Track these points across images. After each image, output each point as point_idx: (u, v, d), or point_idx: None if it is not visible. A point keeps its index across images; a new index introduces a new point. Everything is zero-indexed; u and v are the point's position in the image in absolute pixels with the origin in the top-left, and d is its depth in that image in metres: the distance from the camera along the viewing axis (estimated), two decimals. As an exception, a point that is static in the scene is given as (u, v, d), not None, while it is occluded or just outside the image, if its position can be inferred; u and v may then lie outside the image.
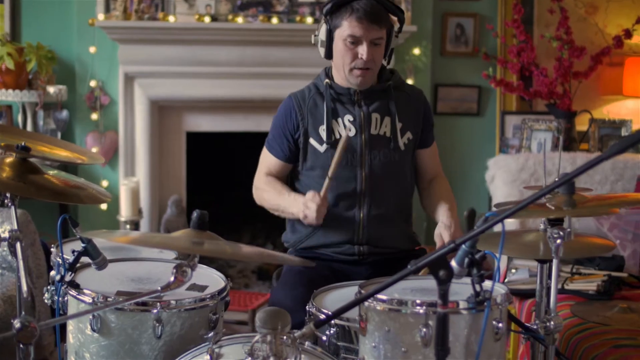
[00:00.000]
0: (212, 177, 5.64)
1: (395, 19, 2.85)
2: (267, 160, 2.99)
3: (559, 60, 5.00)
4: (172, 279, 1.91)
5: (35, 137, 2.45)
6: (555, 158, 4.69)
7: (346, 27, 2.76)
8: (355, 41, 2.77)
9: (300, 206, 2.77)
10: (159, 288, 1.93)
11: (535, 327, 2.22)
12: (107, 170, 5.02)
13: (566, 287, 3.63)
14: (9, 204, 2.09)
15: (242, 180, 3.59)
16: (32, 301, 3.56)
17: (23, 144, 2.15)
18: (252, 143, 3.78)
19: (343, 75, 2.85)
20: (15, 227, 2.02)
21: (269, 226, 5.52)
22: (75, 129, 5.00)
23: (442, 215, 2.85)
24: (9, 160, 2.16)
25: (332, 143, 2.82)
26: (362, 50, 2.76)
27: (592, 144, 5.13)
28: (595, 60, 5.06)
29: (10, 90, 4.65)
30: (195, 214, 1.96)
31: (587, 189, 2.87)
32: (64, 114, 4.90)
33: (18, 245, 1.97)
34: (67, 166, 4.88)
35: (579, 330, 3.20)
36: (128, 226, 4.75)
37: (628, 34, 5.00)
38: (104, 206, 4.98)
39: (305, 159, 2.89)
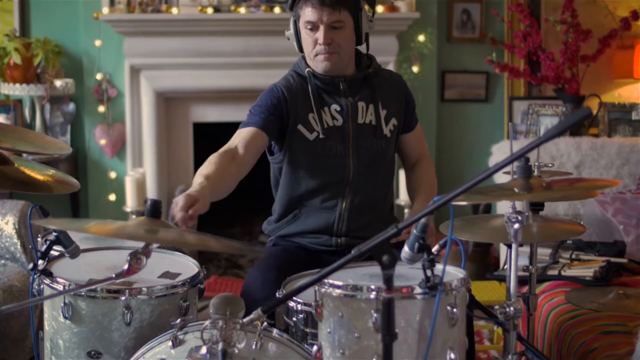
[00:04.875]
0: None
1: (364, 2, 2.83)
2: (237, 134, 2.75)
3: (565, 44, 4.95)
4: (125, 266, 1.94)
5: (7, 129, 2.49)
6: (560, 143, 4.66)
7: (304, 14, 2.77)
8: (313, 27, 2.76)
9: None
10: (114, 275, 1.96)
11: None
12: (116, 161, 5.09)
13: (563, 273, 3.60)
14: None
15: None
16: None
17: (-11, 136, 2.19)
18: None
19: (312, 64, 2.84)
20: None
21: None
22: (84, 122, 5.07)
23: (415, 204, 2.85)
24: (-23, 152, 2.21)
25: (324, 131, 2.79)
26: (320, 34, 2.76)
27: (601, 128, 5.06)
28: (602, 43, 4.99)
29: (17, 85, 4.73)
30: (149, 202, 1.98)
31: (568, 173, 2.85)
32: (71, 106, 4.98)
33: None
34: (76, 160, 4.98)
35: (571, 316, 3.17)
36: (134, 216, 4.81)
37: (635, 15, 4.92)
38: (112, 197, 5.06)
39: (290, 147, 2.83)
